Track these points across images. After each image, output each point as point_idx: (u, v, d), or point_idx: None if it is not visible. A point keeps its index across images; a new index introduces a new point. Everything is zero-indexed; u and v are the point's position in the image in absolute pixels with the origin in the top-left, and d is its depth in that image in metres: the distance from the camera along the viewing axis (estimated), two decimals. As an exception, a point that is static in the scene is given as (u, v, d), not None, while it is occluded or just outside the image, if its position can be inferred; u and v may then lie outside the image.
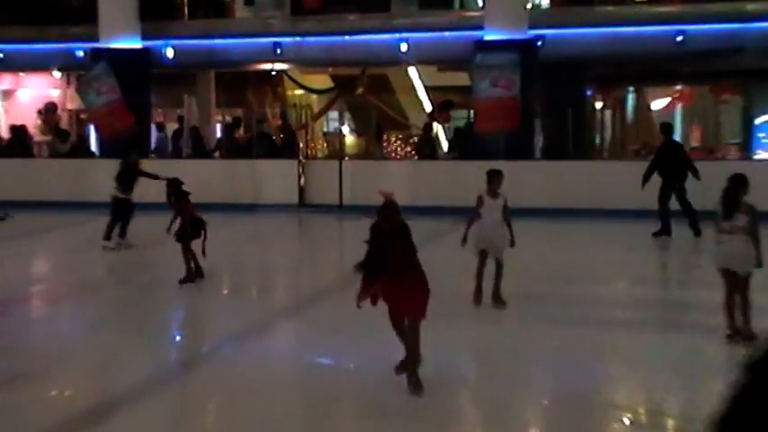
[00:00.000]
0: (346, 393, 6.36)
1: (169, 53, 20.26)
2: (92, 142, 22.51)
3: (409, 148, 24.15)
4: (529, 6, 19.33)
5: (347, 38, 19.63)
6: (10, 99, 24.93)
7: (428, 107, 24.24)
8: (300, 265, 12.47)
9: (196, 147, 20.59)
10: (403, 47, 19.11)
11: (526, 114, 17.27)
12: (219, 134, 23.34)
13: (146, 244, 13.11)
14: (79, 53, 20.50)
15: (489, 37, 17.58)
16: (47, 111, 23.92)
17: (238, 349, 7.75)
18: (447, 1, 22.58)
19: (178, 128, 21.85)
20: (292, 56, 20.16)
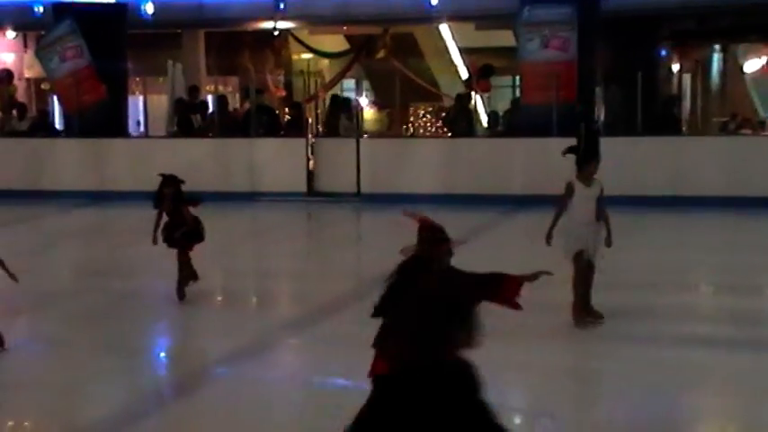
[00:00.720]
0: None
1: (149, 9, 20.25)
2: (55, 118, 22.56)
3: (441, 124, 24.06)
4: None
5: (365, -11, 19.60)
6: (-47, 65, 25.08)
7: (464, 74, 24.10)
8: (309, 270, 12.38)
9: (182, 123, 20.54)
10: (433, 0, 18.98)
11: (584, 81, 17.08)
12: (211, 108, 23.30)
13: (119, 243, 13.06)
14: (38, 9, 20.54)
15: (538, -14, 17.43)
16: (-1, 80, 24.03)
17: (233, 373, 7.66)
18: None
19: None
20: (298, 12, 20.08)
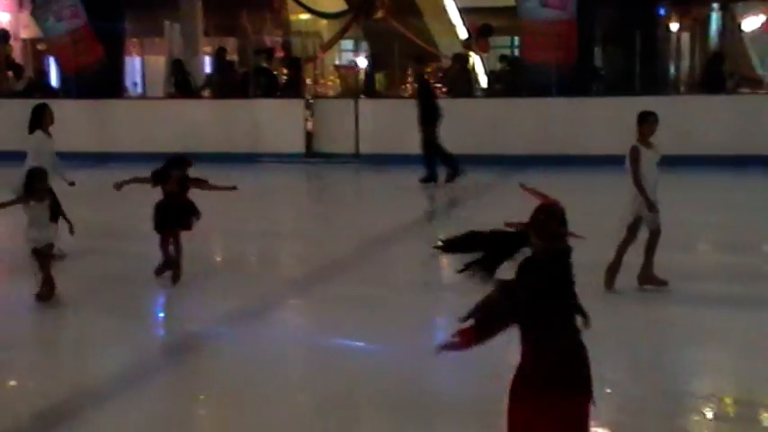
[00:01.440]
0: (362, 383, 6.34)
1: (145, -31, 20.04)
2: (51, 79, 22.40)
3: (440, 85, 23.91)
4: None
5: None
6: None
7: (463, 34, 23.93)
8: (310, 230, 12.38)
9: (180, 84, 20.44)
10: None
11: (584, 40, 16.98)
12: (209, 68, 23.17)
13: (122, 205, 12.98)
14: (34, -31, 20.32)
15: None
16: (-5, 41, 23.84)
17: (235, 333, 7.67)
18: None
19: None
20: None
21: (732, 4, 23.77)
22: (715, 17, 24.23)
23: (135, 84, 23.02)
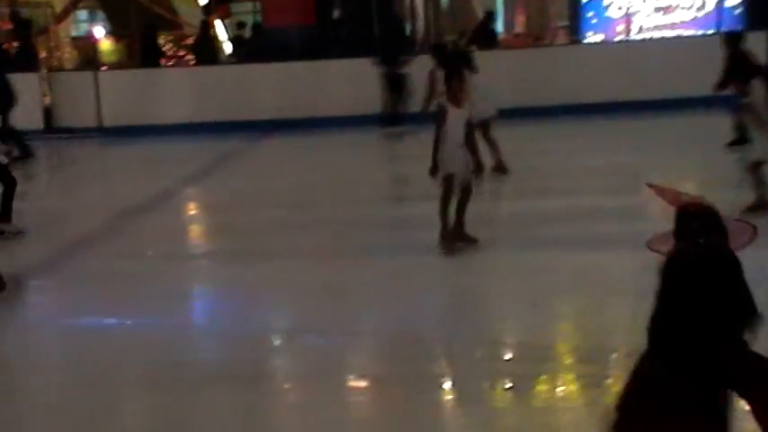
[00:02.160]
0: (120, 361, 6.10)
1: None
2: None
3: (184, 53, 23.42)
4: None
5: None
6: None
7: (202, 0, 23.51)
8: (55, 208, 11.84)
9: None
10: None
11: (322, 3, 17.07)
12: None
13: None
14: None
15: None
16: None
17: None
18: None
19: None
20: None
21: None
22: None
23: None
